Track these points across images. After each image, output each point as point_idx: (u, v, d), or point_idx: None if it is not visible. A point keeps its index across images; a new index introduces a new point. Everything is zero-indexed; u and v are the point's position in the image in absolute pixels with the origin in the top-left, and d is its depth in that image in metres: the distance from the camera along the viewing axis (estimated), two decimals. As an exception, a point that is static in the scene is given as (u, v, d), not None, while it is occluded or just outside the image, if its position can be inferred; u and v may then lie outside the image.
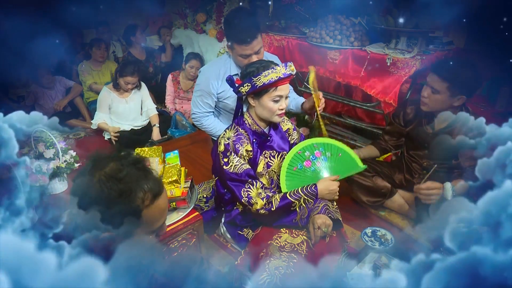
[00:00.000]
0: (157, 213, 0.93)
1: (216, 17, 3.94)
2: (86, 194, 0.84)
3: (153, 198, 0.91)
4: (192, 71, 3.69)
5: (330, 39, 2.86)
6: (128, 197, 0.86)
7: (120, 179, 0.86)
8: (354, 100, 3.21)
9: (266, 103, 1.62)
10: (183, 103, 3.83)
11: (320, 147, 1.79)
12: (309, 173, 1.76)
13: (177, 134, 3.45)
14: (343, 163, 1.77)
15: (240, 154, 1.66)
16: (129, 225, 0.88)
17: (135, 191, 0.87)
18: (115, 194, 0.85)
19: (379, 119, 3.24)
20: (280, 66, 1.59)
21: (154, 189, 0.91)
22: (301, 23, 3.30)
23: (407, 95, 2.70)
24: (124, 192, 0.86)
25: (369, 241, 1.84)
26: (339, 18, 2.89)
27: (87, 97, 3.94)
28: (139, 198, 0.88)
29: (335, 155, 1.79)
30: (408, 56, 2.56)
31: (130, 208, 0.86)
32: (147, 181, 0.90)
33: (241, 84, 1.63)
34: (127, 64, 3.23)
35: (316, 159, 1.77)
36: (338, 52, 2.84)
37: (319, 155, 1.78)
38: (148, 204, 0.90)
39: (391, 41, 2.74)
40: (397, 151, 2.40)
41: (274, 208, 1.62)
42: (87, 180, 0.86)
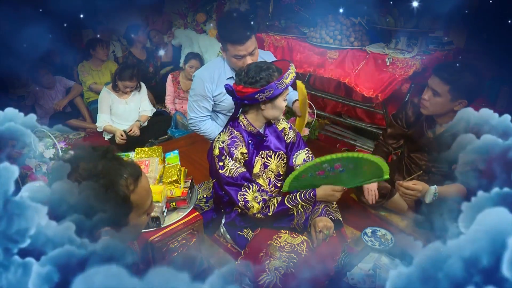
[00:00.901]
0: (144, 194, 0.96)
1: (216, 17, 3.94)
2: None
3: (136, 181, 0.93)
4: (192, 71, 3.68)
5: (330, 39, 2.86)
6: (113, 189, 0.87)
7: (98, 175, 0.86)
8: (354, 100, 3.21)
9: (279, 103, 1.64)
10: (183, 103, 3.83)
11: (345, 161, 1.59)
12: (317, 181, 1.68)
13: (177, 134, 3.45)
14: (363, 173, 1.66)
15: (235, 157, 1.65)
16: (123, 214, 0.90)
17: (117, 180, 0.88)
18: (101, 190, 0.84)
19: (379, 119, 3.24)
20: (291, 66, 1.62)
21: (133, 172, 0.93)
22: (301, 23, 3.30)
23: (406, 96, 2.69)
24: (107, 185, 0.86)
25: (369, 241, 1.84)
26: (339, 18, 2.89)
27: (87, 97, 3.94)
28: (123, 185, 0.89)
29: (359, 167, 1.62)
30: (408, 56, 2.56)
31: (119, 198, 0.88)
32: (124, 168, 0.92)
33: (256, 92, 1.56)
34: (125, 69, 3.21)
35: (332, 170, 1.63)
36: (338, 52, 2.84)
37: (339, 167, 1.61)
38: (133, 189, 0.92)
39: (391, 41, 2.75)
40: (397, 151, 2.40)
41: (271, 213, 1.62)
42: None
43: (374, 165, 1.60)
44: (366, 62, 2.70)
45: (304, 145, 1.88)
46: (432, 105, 1.88)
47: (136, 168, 0.96)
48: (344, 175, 1.65)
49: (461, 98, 1.81)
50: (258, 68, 1.59)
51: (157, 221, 1.51)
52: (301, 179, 1.67)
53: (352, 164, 1.60)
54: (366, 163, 1.59)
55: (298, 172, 1.64)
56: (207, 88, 2.14)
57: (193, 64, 3.67)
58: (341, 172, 1.63)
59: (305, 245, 1.60)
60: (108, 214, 0.83)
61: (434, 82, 1.84)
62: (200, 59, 3.79)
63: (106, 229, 0.87)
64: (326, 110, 3.60)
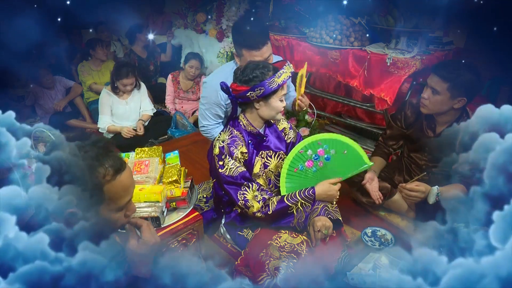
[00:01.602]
0: (120, 189, 0.97)
1: (216, 17, 3.94)
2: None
3: (115, 174, 0.95)
4: (192, 71, 3.68)
5: (330, 39, 2.86)
6: (89, 173, 0.89)
7: (82, 156, 0.90)
8: (354, 100, 3.21)
9: (274, 104, 1.63)
10: (183, 103, 3.83)
11: (324, 145, 1.72)
12: (310, 175, 1.73)
13: (177, 134, 3.45)
14: (348, 161, 1.71)
15: (235, 156, 1.65)
16: (93, 201, 0.90)
17: (95, 167, 0.91)
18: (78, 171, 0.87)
19: (379, 119, 3.24)
20: (287, 66, 1.61)
21: (115, 165, 0.95)
22: (301, 23, 3.30)
23: (407, 95, 2.69)
24: (85, 168, 0.89)
25: (369, 241, 1.85)
26: (339, 18, 2.89)
27: (87, 97, 3.94)
28: (100, 173, 0.92)
29: (340, 152, 1.72)
30: (408, 56, 2.56)
31: (92, 183, 0.90)
32: (108, 158, 0.95)
33: (247, 90, 1.58)
34: (120, 67, 3.19)
35: (319, 159, 1.72)
36: (338, 52, 2.84)
37: (322, 153, 1.71)
38: (110, 180, 0.94)
39: (391, 41, 2.75)
40: (396, 151, 2.40)
41: (271, 212, 1.62)
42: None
43: (349, 148, 1.71)
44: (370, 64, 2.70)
45: (304, 145, 1.88)
46: (432, 104, 1.89)
47: (120, 162, 0.98)
48: (331, 164, 1.72)
49: (460, 96, 1.82)
50: (254, 66, 1.61)
51: (157, 221, 1.51)
52: (294, 174, 1.71)
53: (333, 148, 1.71)
54: (342, 145, 1.71)
55: (288, 166, 1.71)
56: (220, 96, 2.09)
57: (193, 64, 3.67)
58: (327, 160, 1.71)
59: (305, 245, 1.60)
60: (77, 193, 0.85)
61: (433, 81, 1.85)
62: (200, 59, 3.79)
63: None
64: (326, 110, 3.60)
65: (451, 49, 2.82)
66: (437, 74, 1.84)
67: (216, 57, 3.96)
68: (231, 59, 3.87)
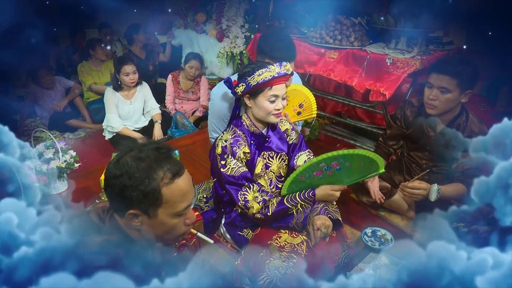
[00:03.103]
0: (177, 193, 0.99)
1: (216, 17, 3.94)
2: (112, 174, 0.95)
3: (173, 178, 0.98)
4: (192, 71, 3.68)
5: (330, 39, 2.86)
6: (148, 175, 0.94)
7: (141, 159, 0.95)
8: (354, 100, 3.21)
9: (261, 103, 1.61)
10: (183, 103, 3.83)
11: (341, 158, 1.58)
12: (316, 181, 1.68)
13: (177, 134, 3.45)
14: (361, 169, 1.64)
15: (237, 156, 1.65)
16: (152, 203, 0.95)
17: (154, 169, 0.95)
18: (137, 172, 0.93)
19: (379, 119, 3.24)
20: (275, 65, 1.57)
21: (173, 169, 0.98)
22: (301, 23, 3.30)
23: (406, 95, 2.69)
24: (145, 170, 0.94)
25: (369, 241, 1.84)
26: (339, 18, 2.89)
27: (87, 97, 3.94)
28: (159, 176, 0.95)
29: (356, 164, 1.61)
30: (408, 56, 2.56)
31: (151, 186, 0.94)
32: (167, 162, 0.98)
33: (236, 84, 1.62)
34: (121, 57, 3.20)
35: (330, 169, 1.63)
36: (337, 52, 2.83)
37: (336, 166, 1.61)
38: (168, 183, 0.96)
39: (391, 41, 2.75)
40: (397, 151, 2.40)
41: (270, 213, 1.61)
42: (114, 163, 0.97)
43: (369, 160, 1.59)
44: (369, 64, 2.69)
45: (305, 146, 1.88)
46: (442, 103, 1.87)
47: (179, 167, 1.00)
48: (341, 173, 1.64)
49: (468, 89, 1.84)
50: (253, 62, 1.63)
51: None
52: (300, 181, 1.67)
53: (349, 161, 1.59)
54: (362, 159, 1.58)
55: (296, 175, 1.64)
56: (224, 108, 2.05)
57: (193, 65, 3.67)
58: (338, 171, 1.63)
59: (305, 245, 1.60)
60: (137, 196, 0.93)
61: (441, 80, 1.84)
62: (200, 59, 3.79)
63: (134, 211, 0.95)
64: (326, 110, 3.60)
65: (451, 49, 2.81)
66: (443, 72, 1.83)
67: (216, 57, 3.96)
68: (231, 59, 3.87)
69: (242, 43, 3.73)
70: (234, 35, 3.75)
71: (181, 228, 1.05)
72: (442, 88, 1.84)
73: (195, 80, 3.78)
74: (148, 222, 0.98)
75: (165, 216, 0.99)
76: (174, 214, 1.00)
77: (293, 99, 2.10)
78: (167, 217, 0.99)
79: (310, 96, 2.10)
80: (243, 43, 3.72)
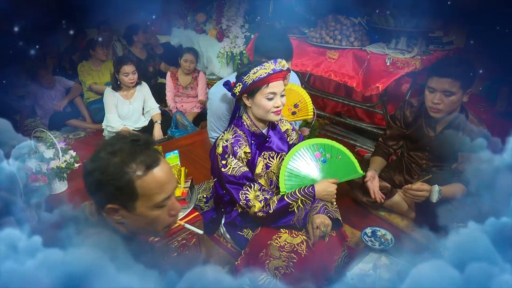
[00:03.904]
0: (153, 185, 0.96)
1: (216, 17, 3.94)
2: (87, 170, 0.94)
3: (147, 169, 0.94)
4: (187, 65, 3.67)
5: (330, 39, 2.85)
6: (120, 169, 0.92)
7: (114, 153, 0.93)
8: (354, 100, 3.21)
9: (260, 102, 1.61)
10: (183, 101, 3.84)
11: (320, 148, 1.75)
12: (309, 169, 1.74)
13: (177, 134, 3.44)
14: (342, 167, 1.75)
15: (238, 156, 1.65)
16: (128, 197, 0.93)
17: (126, 163, 0.93)
18: (110, 167, 0.91)
19: (379, 119, 3.24)
20: (269, 62, 1.57)
21: (147, 161, 0.95)
22: (301, 23, 3.30)
23: (406, 95, 2.69)
24: (117, 164, 0.92)
25: (369, 241, 1.84)
26: (339, 18, 2.89)
27: (87, 97, 3.93)
28: (131, 169, 0.93)
29: (335, 157, 1.76)
30: (408, 56, 2.56)
31: (123, 180, 0.92)
32: (141, 154, 0.95)
33: (234, 85, 1.63)
34: (120, 57, 3.21)
35: (316, 160, 1.75)
36: (338, 52, 2.83)
37: (319, 156, 1.75)
38: (141, 175, 0.94)
39: (391, 41, 2.74)
40: (397, 151, 2.40)
41: (272, 211, 1.62)
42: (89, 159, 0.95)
43: (344, 156, 1.75)
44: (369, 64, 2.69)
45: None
46: (447, 106, 1.87)
47: (153, 158, 0.97)
48: (327, 166, 1.74)
49: (468, 88, 1.85)
50: (250, 63, 1.63)
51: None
52: (293, 172, 1.72)
53: (328, 153, 1.75)
54: (338, 152, 1.75)
55: (287, 165, 1.71)
56: (223, 107, 2.04)
57: (188, 58, 3.66)
58: (324, 163, 1.74)
59: (305, 245, 1.61)
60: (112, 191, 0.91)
61: (444, 83, 1.83)
62: (195, 52, 3.76)
63: (113, 206, 0.93)
64: (326, 110, 3.60)
65: (451, 49, 2.81)
66: (446, 75, 1.82)
67: (216, 57, 3.95)
68: (231, 59, 3.87)
69: (242, 43, 3.73)
70: (234, 35, 3.76)
71: (165, 220, 1.02)
72: (446, 91, 1.84)
73: (193, 75, 3.78)
74: (129, 216, 0.96)
75: (145, 208, 0.96)
76: (154, 206, 0.97)
77: (288, 99, 2.10)
78: (147, 210, 0.97)
79: (306, 97, 2.09)
80: (243, 43, 3.72)
